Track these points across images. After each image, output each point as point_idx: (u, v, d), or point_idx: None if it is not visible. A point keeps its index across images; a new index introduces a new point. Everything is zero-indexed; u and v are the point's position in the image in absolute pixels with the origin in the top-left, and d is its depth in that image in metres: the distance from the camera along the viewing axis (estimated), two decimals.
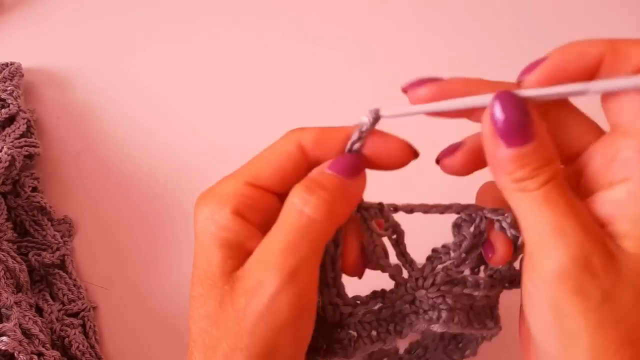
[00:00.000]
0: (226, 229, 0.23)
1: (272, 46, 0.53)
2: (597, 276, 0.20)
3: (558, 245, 0.20)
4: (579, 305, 0.20)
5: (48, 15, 0.56)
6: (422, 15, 0.54)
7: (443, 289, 0.26)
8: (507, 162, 0.21)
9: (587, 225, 0.21)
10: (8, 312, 0.36)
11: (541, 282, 0.21)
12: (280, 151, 0.24)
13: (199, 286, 0.23)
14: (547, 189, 0.21)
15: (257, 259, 0.23)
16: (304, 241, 0.22)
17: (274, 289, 0.22)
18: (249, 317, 0.22)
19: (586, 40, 0.22)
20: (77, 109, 0.51)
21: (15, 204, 0.44)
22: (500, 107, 0.21)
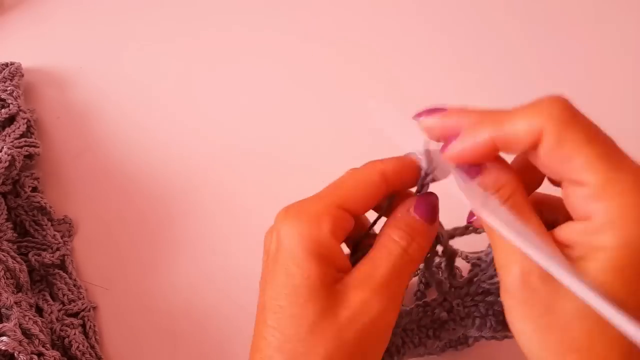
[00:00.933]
0: (324, 246, 0.25)
1: (273, 46, 0.53)
2: (536, 291, 0.23)
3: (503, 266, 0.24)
4: (524, 316, 0.23)
5: (48, 15, 0.56)
6: (424, 14, 0.54)
7: (477, 298, 0.30)
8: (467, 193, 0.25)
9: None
10: (8, 312, 0.36)
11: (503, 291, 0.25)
12: (368, 179, 0.27)
13: (292, 296, 0.25)
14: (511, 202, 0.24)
15: (362, 278, 0.26)
16: (404, 274, 0.26)
17: (381, 307, 0.25)
18: (353, 328, 0.25)
19: (476, 129, 0.25)
20: (77, 109, 0.51)
21: (15, 204, 0.44)
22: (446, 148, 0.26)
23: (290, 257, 0.25)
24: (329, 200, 0.26)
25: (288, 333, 0.25)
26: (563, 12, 0.53)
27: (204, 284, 0.42)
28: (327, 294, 0.25)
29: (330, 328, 0.25)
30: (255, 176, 0.46)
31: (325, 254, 0.25)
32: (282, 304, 0.25)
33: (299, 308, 0.25)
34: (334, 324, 0.25)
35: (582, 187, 0.22)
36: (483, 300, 0.30)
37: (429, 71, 0.51)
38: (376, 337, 0.26)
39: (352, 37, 0.53)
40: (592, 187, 0.22)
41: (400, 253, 0.26)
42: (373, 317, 0.25)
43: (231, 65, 0.52)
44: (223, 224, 0.44)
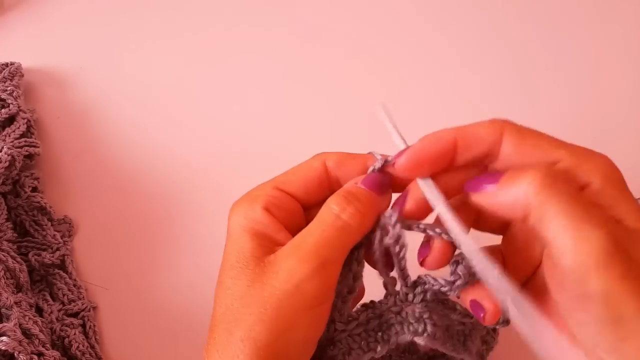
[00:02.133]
0: (257, 222, 0.27)
1: (273, 46, 0.53)
2: (633, 257, 0.22)
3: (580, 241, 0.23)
4: (627, 283, 0.22)
5: (48, 15, 0.56)
6: (424, 14, 0.54)
7: (430, 305, 0.28)
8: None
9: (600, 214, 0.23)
10: (8, 312, 0.36)
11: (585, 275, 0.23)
12: (307, 166, 0.29)
13: (229, 270, 0.26)
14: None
15: (292, 247, 0.26)
16: (337, 241, 0.26)
17: (305, 274, 0.25)
18: (277, 294, 0.25)
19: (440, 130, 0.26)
20: (77, 109, 0.51)
21: (15, 204, 0.44)
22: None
23: (230, 236, 0.27)
24: (267, 184, 0.29)
25: (225, 304, 0.26)
26: (563, 12, 0.53)
27: (204, 284, 0.42)
28: (256, 264, 0.26)
29: (257, 296, 0.25)
30: (255, 176, 0.46)
31: (257, 228, 0.27)
32: (222, 279, 0.27)
33: (232, 280, 0.26)
34: (261, 291, 0.25)
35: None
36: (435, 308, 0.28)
37: (429, 71, 0.51)
38: (302, 306, 0.25)
39: (353, 37, 0.53)
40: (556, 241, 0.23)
41: (333, 219, 0.26)
42: (297, 284, 0.25)
43: (231, 65, 0.52)
44: (223, 224, 0.44)
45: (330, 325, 0.28)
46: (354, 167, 0.28)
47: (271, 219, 0.27)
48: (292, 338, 0.25)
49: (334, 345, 0.28)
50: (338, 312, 0.28)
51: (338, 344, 0.28)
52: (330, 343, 0.28)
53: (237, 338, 0.25)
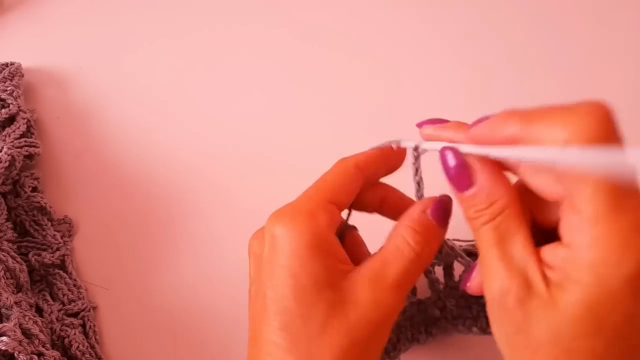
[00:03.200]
0: (326, 241, 0.26)
1: (274, 47, 0.53)
2: (510, 311, 0.23)
3: (485, 280, 0.24)
4: (499, 331, 0.24)
5: (48, 15, 0.56)
6: (424, 14, 0.54)
7: (470, 300, 0.31)
8: (460, 202, 0.25)
9: (511, 266, 0.23)
10: (8, 312, 0.36)
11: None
12: (346, 173, 0.28)
13: (300, 295, 0.25)
14: (485, 229, 0.24)
15: (373, 278, 0.26)
16: (414, 276, 0.27)
17: (391, 309, 0.26)
18: (365, 327, 0.25)
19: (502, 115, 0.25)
20: (77, 109, 0.51)
21: (15, 204, 0.44)
22: (443, 160, 0.26)
23: (292, 257, 0.25)
24: (318, 197, 0.27)
25: (298, 333, 0.25)
26: (563, 12, 0.53)
27: (204, 284, 0.42)
28: (334, 291, 0.25)
29: (340, 326, 0.25)
30: (255, 176, 0.46)
31: (327, 248, 0.26)
32: (288, 305, 0.25)
33: (307, 307, 0.25)
34: (344, 321, 0.25)
35: (577, 214, 0.21)
36: (477, 302, 0.31)
37: (429, 71, 0.51)
38: (383, 335, 0.26)
39: (353, 37, 0.53)
40: (585, 219, 0.21)
41: (413, 257, 0.26)
42: (383, 316, 0.25)
43: (231, 66, 0.52)
44: (223, 224, 0.44)
45: None
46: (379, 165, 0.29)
47: (334, 236, 0.27)
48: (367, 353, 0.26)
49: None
50: None
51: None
52: None
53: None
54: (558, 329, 0.22)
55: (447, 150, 0.25)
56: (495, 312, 0.24)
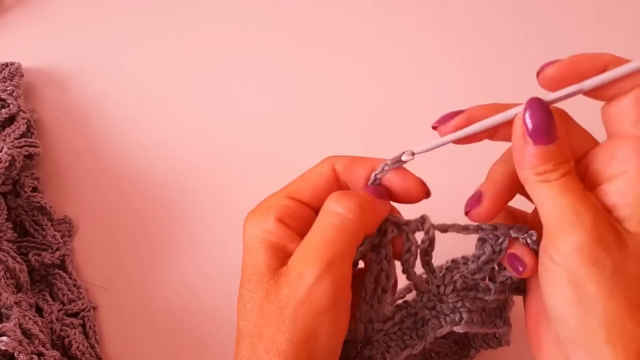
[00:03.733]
0: (271, 233, 0.27)
1: (274, 47, 0.53)
2: (609, 249, 0.24)
3: (576, 224, 0.24)
4: (594, 274, 0.24)
5: (48, 15, 0.56)
6: (424, 14, 0.54)
7: (461, 294, 0.30)
8: (534, 157, 0.25)
9: (598, 209, 0.25)
10: (8, 312, 0.36)
11: (560, 257, 0.24)
12: (316, 172, 0.29)
13: (246, 283, 0.27)
14: (565, 179, 0.25)
15: (298, 255, 0.26)
16: (339, 237, 0.26)
17: (313, 279, 0.25)
18: (291, 304, 0.25)
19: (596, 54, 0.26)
20: (77, 109, 0.51)
21: (15, 204, 0.44)
22: (531, 112, 0.25)
23: (246, 248, 0.27)
24: (280, 193, 0.28)
25: (246, 317, 0.26)
26: (563, 12, 0.53)
27: (204, 284, 0.42)
28: (271, 276, 0.26)
29: (273, 307, 0.25)
30: (255, 176, 0.46)
31: (271, 240, 0.27)
32: (242, 292, 0.27)
33: (250, 293, 0.26)
34: (276, 301, 0.25)
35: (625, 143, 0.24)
36: (466, 296, 0.30)
37: (429, 71, 0.51)
38: (317, 311, 0.25)
39: (352, 37, 0.53)
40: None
41: (332, 217, 0.26)
42: (307, 289, 0.25)
43: (231, 66, 0.52)
44: (223, 224, 0.44)
45: (368, 326, 0.29)
46: (363, 171, 0.28)
47: (285, 229, 0.27)
48: (314, 346, 0.25)
49: (372, 345, 0.29)
50: (375, 312, 0.29)
51: (375, 344, 0.29)
52: (368, 343, 0.29)
53: (262, 351, 0.25)
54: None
55: (535, 102, 0.25)
56: (590, 256, 0.24)
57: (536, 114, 0.25)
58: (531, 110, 0.25)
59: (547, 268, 0.25)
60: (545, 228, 0.25)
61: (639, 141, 0.25)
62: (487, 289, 0.30)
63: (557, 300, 0.25)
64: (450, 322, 0.30)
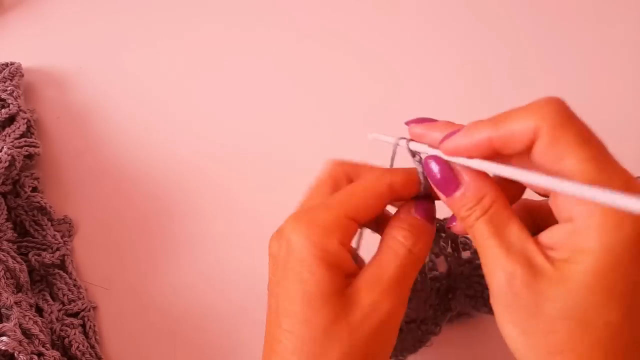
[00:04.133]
0: (335, 256, 0.26)
1: (274, 47, 0.53)
2: (519, 295, 0.23)
3: (489, 273, 0.25)
4: (511, 320, 0.24)
5: (48, 15, 0.56)
6: (424, 14, 0.54)
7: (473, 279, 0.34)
8: (450, 206, 0.26)
9: (512, 251, 0.24)
10: (8, 312, 0.36)
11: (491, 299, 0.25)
12: (376, 192, 0.28)
13: (306, 302, 0.26)
14: (479, 224, 0.25)
15: (371, 281, 0.27)
16: (410, 273, 0.27)
17: (390, 309, 0.26)
18: (366, 330, 0.26)
19: (472, 127, 0.25)
20: (77, 109, 0.51)
21: (15, 204, 0.44)
22: (428, 169, 0.27)
23: (303, 264, 0.26)
24: (339, 211, 0.27)
25: (303, 336, 0.26)
26: (563, 12, 0.53)
27: (204, 284, 0.42)
28: (338, 298, 0.26)
29: (342, 330, 0.26)
30: (256, 176, 0.46)
31: (335, 262, 0.26)
32: (296, 309, 0.26)
33: (313, 312, 0.26)
34: (346, 325, 0.26)
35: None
36: (479, 282, 0.32)
37: (429, 71, 0.51)
38: (386, 336, 0.27)
39: (352, 37, 0.53)
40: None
41: (406, 253, 0.27)
42: (383, 317, 0.26)
43: (231, 66, 0.52)
44: (223, 224, 0.44)
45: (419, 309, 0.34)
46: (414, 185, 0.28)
47: (346, 251, 0.27)
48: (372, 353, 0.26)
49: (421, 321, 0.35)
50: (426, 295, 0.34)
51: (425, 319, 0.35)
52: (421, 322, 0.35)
53: None
54: (571, 302, 0.22)
55: (430, 159, 0.27)
56: (503, 301, 0.24)
57: (430, 172, 0.27)
58: (426, 168, 0.27)
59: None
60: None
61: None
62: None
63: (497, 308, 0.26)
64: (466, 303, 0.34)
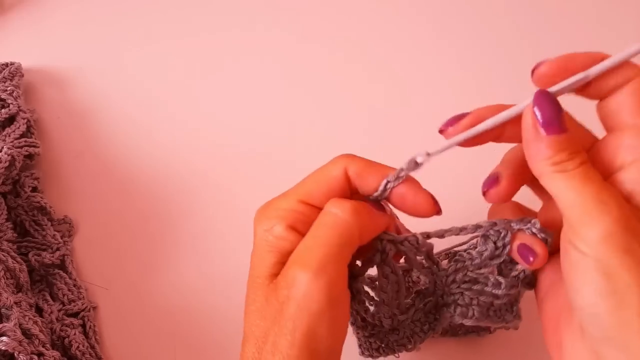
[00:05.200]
0: (282, 239, 0.27)
1: (274, 47, 0.53)
2: (638, 237, 0.23)
3: (603, 212, 0.23)
4: (627, 262, 0.23)
5: (48, 15, 0.56)
6: (424, 14, 0.54)
7: (463, 286, 0.30)
8: (548, 147, 0.25)
9: (621, 197, 0.24)
10: (8, 312, 0.36)
11: (589, 247, 0.23)
12: (328, 174, 0.28)
13: (251, 286, 0.28)
14: (584, 168, 0.24)
15: (294, 256, 0.26)
16: (332, 236, 0.26)
17: (308, 278, 0.25)
18: (291, 306, 0.25)
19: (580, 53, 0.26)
20: (77, 109, 0.51)
21: (15, 204, 0.44)
22: (540, 103, 0.25)
23: (256, 251, 0.28)
24: (292, 197, 0.28)
25: (251, 320, 0.27)
26: (563, 12, 0.53)
27: (204, 284, 0.42)
28: (270, 281, 0.27)
29: (273, 309, 0.26)
30: (256, 176, 0.46)
31: (282, 246, 0.27)
32: (248, 294, 0.28)
33: (253, 296, 0.27)
34: (275, 304, 0.26)
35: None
36: (470, 288, 0.30)
37: (430, 72, 0.51)
38: (318, 311, 0.25)
39: (353, 38, 0.53)
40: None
41: (328, 218, 0.27)
42: (304, 289, 0.25)
43: (231, 66, 0.52)
44: (223, 224, 0.44)
45: (392, 320, 0.31)
46: (374, 181, 0.28)
47: (295, 235, 0.27)
48: (315, 347, 0.25)
49: (398, 331, 0.32)
50: (397, 308, 0.31)
51: (402, 330, 0.32)
52: (394, 330, 0.32)
53: (268, 354, 0.25)
54: None
55: (542, 94, 0.25)
56: (621, 243, 0.23)
57: (545, 105, 0.25)
58: (540, 101, 0.25)
59: (574, 261, 0.24)
60: (568, 219, 0.25)
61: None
62: (498, 284, 0.30)
63: (588, 293, 0.24)
64: (460, 314, 0.31)
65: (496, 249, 0.29)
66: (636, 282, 0.22)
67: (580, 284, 0.24)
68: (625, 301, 0.23)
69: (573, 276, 0.24)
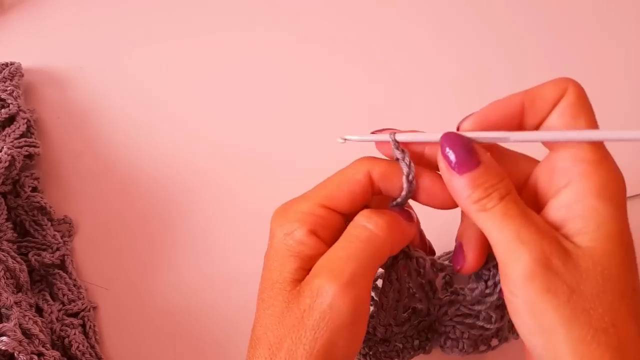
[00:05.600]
0: (302, 244, 0.27)
1: (274, 47, 0.53)
2: (561, 273, 0.23)
3: (521, 251, 0.23)
4: (550, 301, 0.23)
5: (48, 15, 0.56)
6: (424, 14, 0.54)
7: (456, 319, 0.31)
8: (464, 187, 0.25)
9: (542, 230, 0.24)
10: (8, 312, 0.36)
11: (515, 288, 0.24)
12: (351, 178, 0.28)
13: (269, 289, 0.27)
14: (504, 204, 0.24)
15: (322, 265, 0.26)
16: (364, 251, 0.26)
17: (335, 291, 0.25)
18: (314, 315, 0.25)
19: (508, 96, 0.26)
20: (77, 109, 0.51)
21: (15, 204, 0.44)
22: (447, 145, 0.25)
23: (276, 255, 0.27)
24: (313, 200, 0.27)
25: (265, 324, 0.26)
26: (563, 12, 0.53)
27: (204, 284, 0.42)
28: (294, 286, 0.26)
29: (294, 317, 0.25)
30: (256, 176, 0.46)
31: (302, 251, 0.26)
32: (263, 297, 0.27)
33: (271, 301, 0.26)
34: (297, 312, 0.25)
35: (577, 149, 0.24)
36: (462, 322, 0.31)
37: (429, 72, 0.51)
38: (338, 324, 0.25)
39: (353, 38, 0.53)
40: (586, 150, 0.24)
41: (359, 231, 0.26)
42: (330, 301, 0.25)
43: (231, 66, 0.52)
44: (223, 224, 0.44)
45: (387, 330, 0.31)
46: (400, 180, 0.27)
47: (316, 241, 0.27)
48: (331, 357, 0.25)
49: (389, 342, 0.32)
50: (394, 318, 0.30)
51: (393, 342, 0.32)
52: (386, 340, 0.31)
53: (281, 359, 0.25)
54: (601, 272, 0.23)
55: (448, 134, 0.26)
56: (540, 286, 0.23)
57: (452, 146, 0.25)
58: (446, 143, 0.25)
59: (509, 300, 0.25)
60: (497, 259, 0.25)
61: (573, 149, 0.24)
62: (489, 318, 0.30)
63: (523, 332, 0.24)
64: (449, 346, 0.31)
65: (487, 287, 0.29)
66: (561, 320, 0.23)
67: (516, 323, 0.25)
68: (554, 339, 0.23)
69: (511, 315, 0.25)
